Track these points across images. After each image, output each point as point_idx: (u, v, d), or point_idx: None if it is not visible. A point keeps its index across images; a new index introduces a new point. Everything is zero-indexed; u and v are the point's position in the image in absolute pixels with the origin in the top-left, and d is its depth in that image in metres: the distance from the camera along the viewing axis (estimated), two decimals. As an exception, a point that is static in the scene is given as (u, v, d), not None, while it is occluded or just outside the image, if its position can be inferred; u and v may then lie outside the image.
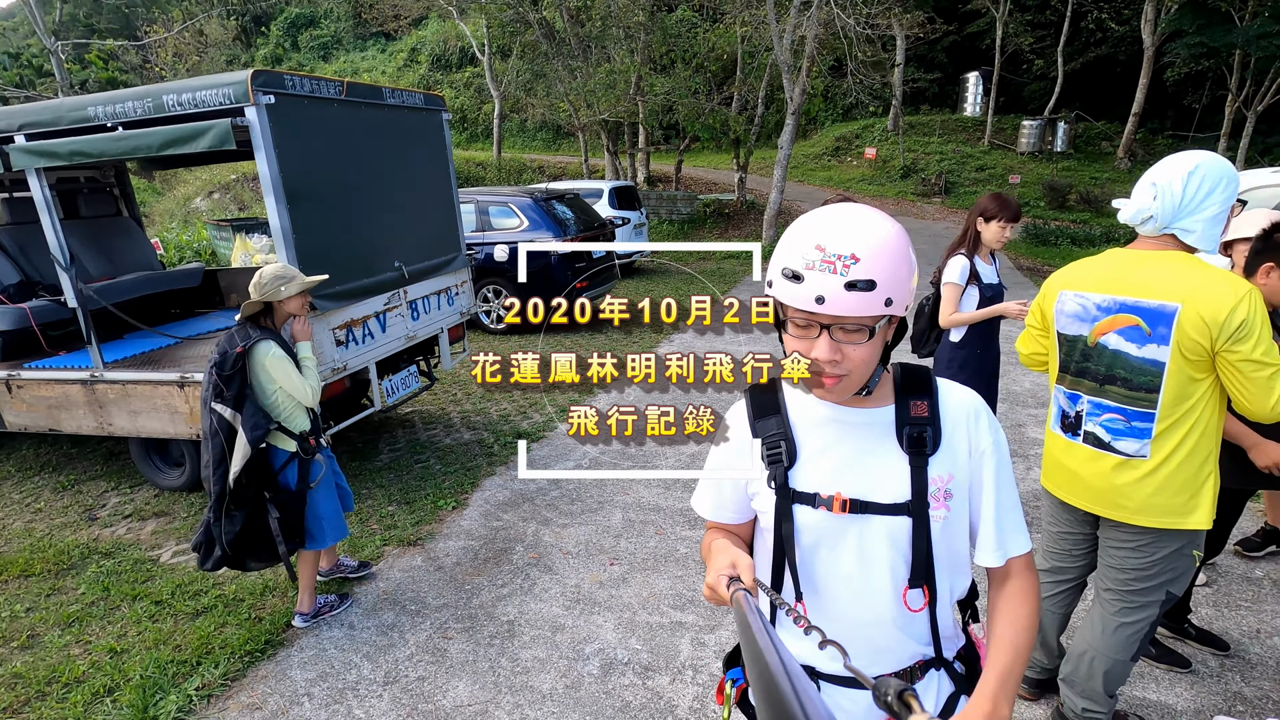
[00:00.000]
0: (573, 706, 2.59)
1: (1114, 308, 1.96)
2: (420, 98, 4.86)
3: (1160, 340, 1.87)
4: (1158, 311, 1.87)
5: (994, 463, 1.13)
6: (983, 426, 1.14)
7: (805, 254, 0.99)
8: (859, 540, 1.11)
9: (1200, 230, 1.85)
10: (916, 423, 1.10)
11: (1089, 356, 2.04)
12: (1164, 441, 1.93)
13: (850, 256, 0.97)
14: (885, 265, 0.98)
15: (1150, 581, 2.08)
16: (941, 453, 1.10)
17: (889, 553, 1.11)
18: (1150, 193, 1.89)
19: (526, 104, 22.00)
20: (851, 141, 24.28)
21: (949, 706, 1.20)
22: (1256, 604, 3.09)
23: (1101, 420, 2.04)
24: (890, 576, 1.11)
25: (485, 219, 8.41)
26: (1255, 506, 3.92)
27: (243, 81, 3.43)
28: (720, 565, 0.99)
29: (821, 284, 0.97)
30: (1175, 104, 21.68)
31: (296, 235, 3.66)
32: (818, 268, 0.98)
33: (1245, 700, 2.55)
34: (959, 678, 1.21)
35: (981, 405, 1.16)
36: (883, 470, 1.10)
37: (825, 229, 1.00)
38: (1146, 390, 1.92)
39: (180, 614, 3.22)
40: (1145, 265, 1.92)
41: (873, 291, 0.97)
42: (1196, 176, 1.82)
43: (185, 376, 4.00)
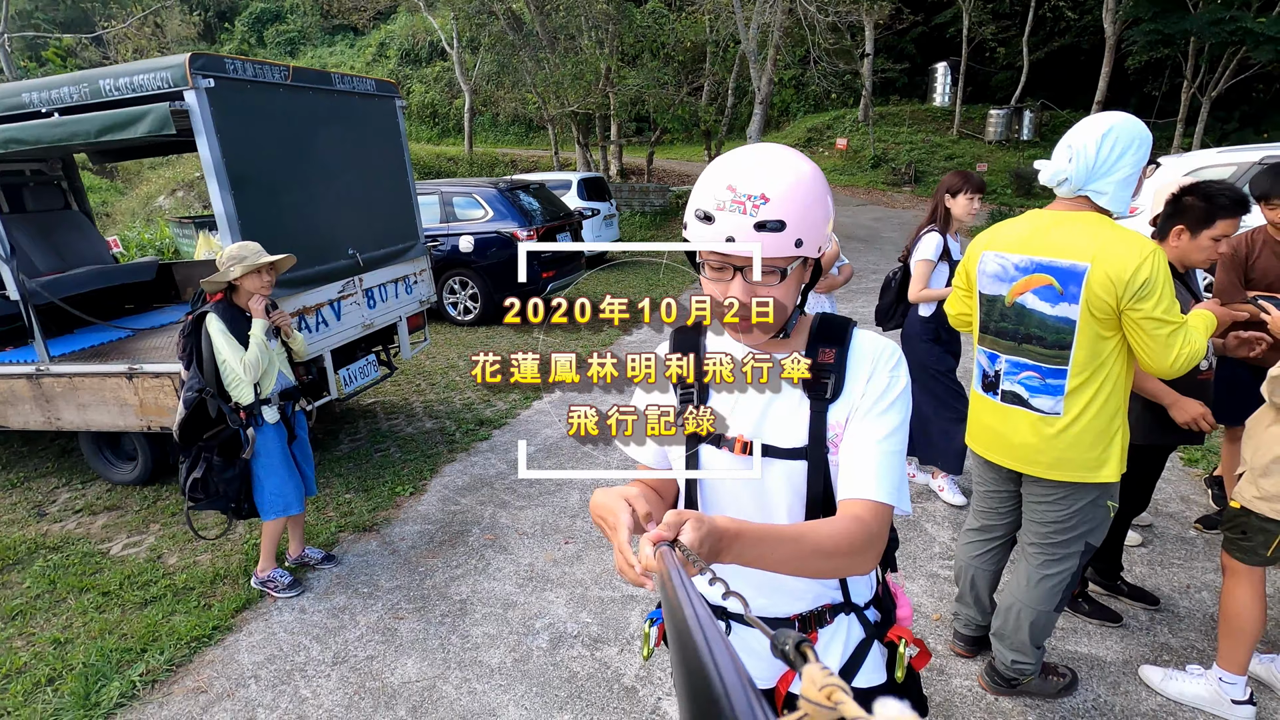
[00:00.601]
0: (520, 679, 2.61)
1: (1030, 268, 2.02)
2: (372, 84, 4.82)
3: (1072, 299, 1.93)
4: (1069, 271, 1.92)
5: (892, 410, 1.08)
6: (883, 370, 1.10)
7: (717, 194, 0.99)
8: (762, 484, 1.12)
9: (1112, 192, 1.91)
10: (821, 369, 1.10)
11: (1006, 316, 2.10)
12: (1076, 398, 2.00)
13: (760, 196, 0.97)
14: (796, 206, 0.98)
15: (1070, 533, 2.16)
16: (842, 399, 1.09)
17: (788, 495, 1.12)
18: (1066, 155, 1.94)
19: (498, 98, 21.86)
20: (823, 132, 24.43)
21: (859, 651, 1.22)
22: (1188, 561, 3.19)
23: (1019, 378, 2.10)
24: (788, 517, 1.13)
25: (449, 210, 8.35)
26: (1192, 471, 4.04)
27: (180, 65, 3.38)
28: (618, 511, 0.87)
29: (731, 224, 0.97)
30: (1137, 92, 22.11)
31: (242, 221, 3.62)
32: (728, 208, 0.98)
33: (1171, 650, 2.64)
34: (869, 625, 1.23)
35: (891, 352, 1.12)
36: (785, 415, 1.11)
37: (737, 169, 1.00)
38: (1059, 348, 1.99)
39: (128, 604, 3.18)
40: (1060, 226, 1.98)
41: (782, 232, 0.97)
42: (1110, 138, 1.87)
43: (134, 368, 3.94)
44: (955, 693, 2.47)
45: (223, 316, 2.95)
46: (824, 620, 1.19)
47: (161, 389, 3.96)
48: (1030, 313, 2.02)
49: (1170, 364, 1.83)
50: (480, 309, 8.38)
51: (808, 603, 1.19)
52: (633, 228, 15.85)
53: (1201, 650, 2.64)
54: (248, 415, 3.00)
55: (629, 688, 2.54)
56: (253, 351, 2.93)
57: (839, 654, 1.21)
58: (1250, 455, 2.21)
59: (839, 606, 1.21)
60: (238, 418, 2.97)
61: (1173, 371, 1.84)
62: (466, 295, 8.43)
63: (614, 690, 2.53)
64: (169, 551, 3.65)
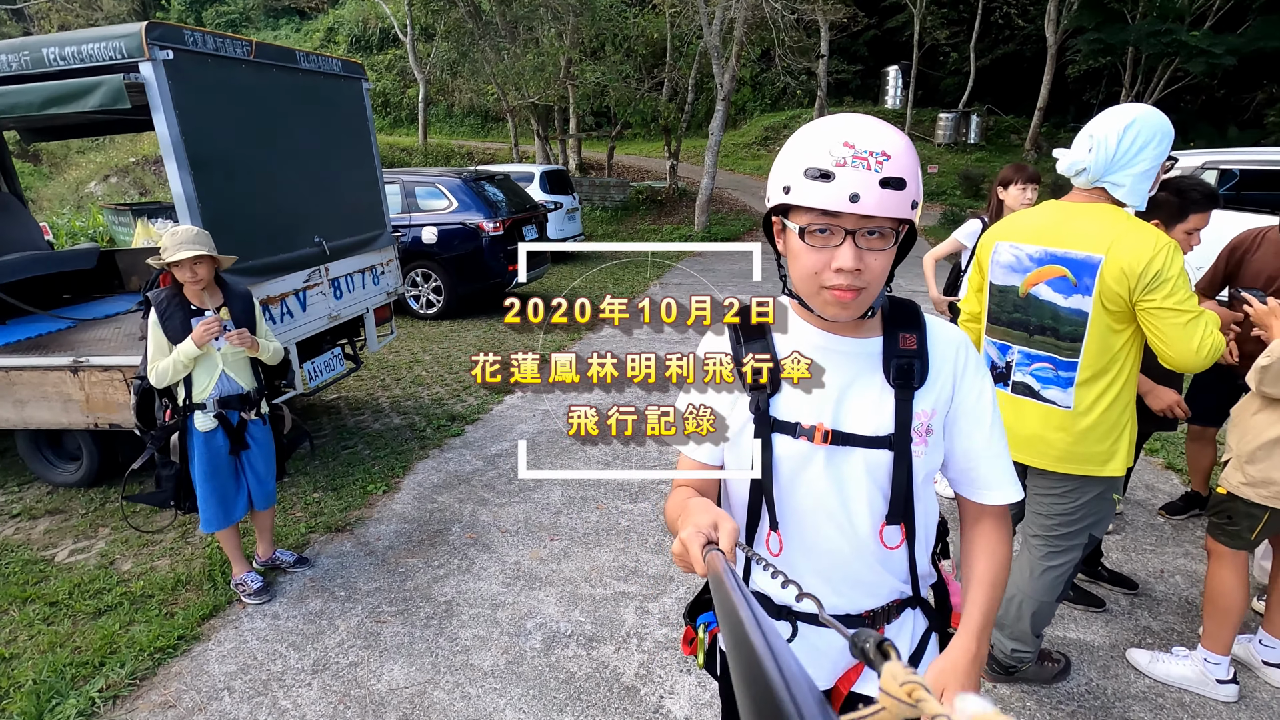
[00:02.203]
0: (515, 681, 2.51)
1: (1044, 259, 2.02)
2: (338, 64, 4.61)
3: (1085, 291, 1.94)
4: (1084, 262, 1.93)
5: (990, 400, 1.12)
6: (970, 363, 1.11)
7: (834, 151, 0.93)
8: (838, 472, 1.07)
9: (1129, 185, 1.91)
10: (904, 355, 1.07)
11: (1020, 307, 2.10)
12: (1087, 391, 2.01)
13: (882, 153, 0.93)
14: (910, 165, 0.95)
15: (1074, 526, 2.18)
16: (927, 387, 1.07)
17: (867, 486, 1.07)
18: (1086, 145, 1.93)
19: (454, 88, 21.38)
20: (780, 131, 24.72)
21: (923, 643, 1.20)
22: (1160, 547, 3.31)
23: (1031, 370, 2.10)
24: (869, 510, 1.08)
25: (411, 200, 8.10)
26: (1154, 460, 4.21)
27: (136, 34, 3.14)
28: (701, 522, 0.86)
29: (856, 180, 0.92)
30: (1076, 99, 23.07)
31: (201, 203, 3.39)
32: (850, 164, 0.92)
33: (1153, 633, 2.72)
34: (931, 614, 1.22)
35: (968, 343, 1.13)
36: (867, 402, 1.07)
37: (850, 129, 0.95)
38: (1072, 340, 2.00)
39: (80, 614, 2.95)
40: (1076, 217, 1.98)
41: (903, 191, 0.93)
42: (1132, 131, 1.86)
43: (80, 361, 3.67)
44: (953, 681, 2.49)
45: (161, 306, 2.72)
46: (891, 615, 1.16)
47: (110, 383, 3.69)
48: (1043, 304, 2.02)
49: (1194, 352, 1.79)
50: (444, 302, 8.16)
51: (880, 598, 1.15)
52: (594, 223, 15.73)
53: (1181, 632, 2.73)
54: (175, 417, 2.79)
55: (629, 687, 2.47)
56: (165, 363, 2.69)
57: (906, 648, 1.18)
58: (1236, 443, 2.28)
59: (906, 600, 1.17)
60: (163, 417, 2.78)
61: (1198, 361, 1.81)
62: (429, 288, 8.19)
63: (614, 690, 2.46)
64: (122, 557, 3.40)
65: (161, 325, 2.70)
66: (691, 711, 2.35)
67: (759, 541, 1.16)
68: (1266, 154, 7.14)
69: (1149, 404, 2.46)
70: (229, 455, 2.90)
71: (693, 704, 2.38)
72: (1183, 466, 3.93)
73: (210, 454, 2.83)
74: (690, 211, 15.74)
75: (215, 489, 2.86)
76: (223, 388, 2.84)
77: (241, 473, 2.97)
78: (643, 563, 3.24)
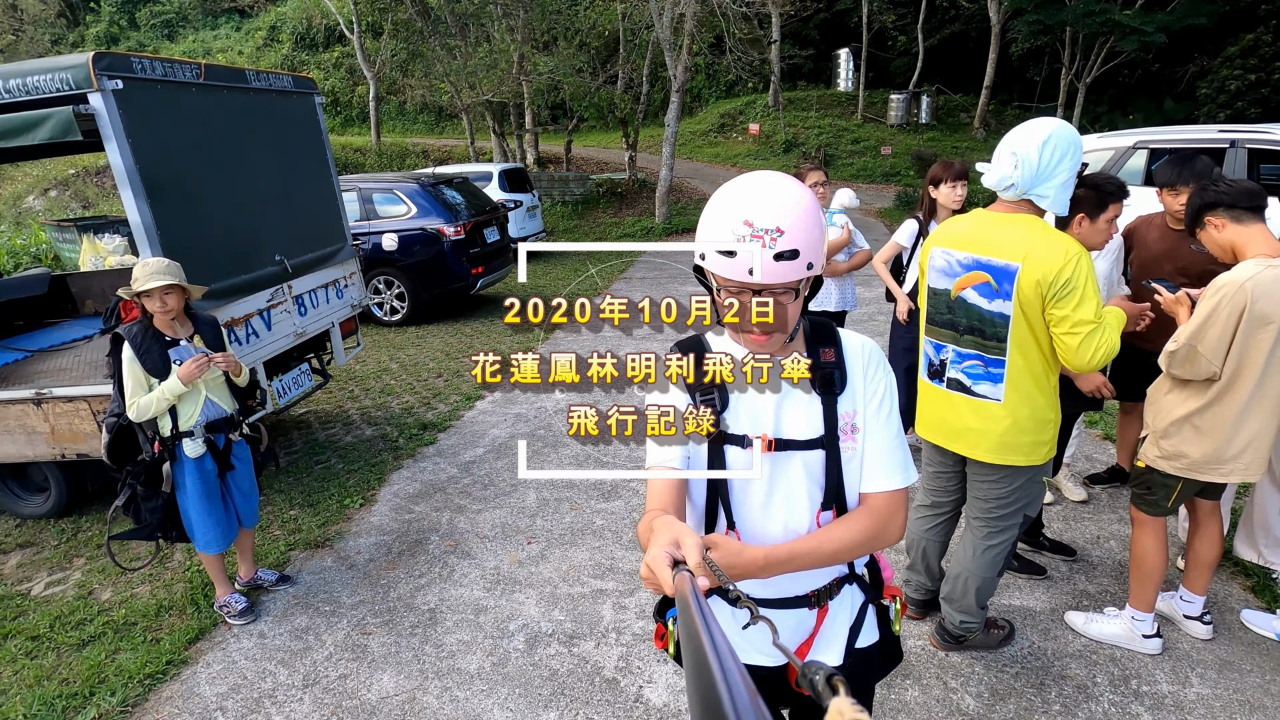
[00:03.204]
0: (501, 682, 2.64)
1: (971, 265, 2.20)
2: (289, 80, 4.59)
3: (1005, 296, 2.12)
4: (1004, 269, 2.11)
5: (887, 403, 1.27)
6: (871, 363, 1.27)
7: (736, 230, 1.09)
8: (783, 474, 1.24)
9: (1053, 195, 2.09)
10: (825, 366, 1.24)
11: (951, 309, 2.28)
12: (1014, 386, 2.20)
13: (776, 230, 1.08)
14: (804, 234, 1.10)
15: (1010, 508, 2.38)
16: (847, 392, 1.25)
17: (806, 482, 1.24)
18: (1011, 161, 2.09)
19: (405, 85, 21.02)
20: (735, 118, 24.89)
21: (861, 612, 1.36)
22: (1096, 514, 3.56)
23: (964, 367, 2.29)
24: (808, 503, 1.25)
25: (370, 207, 8.05)
26: (1092, 432, 4.49)
27: (83, 65, 3.13)
28: (663, 540, 0.91)
29: (752, 257, 1.08)
30: (1020, 77, 23.70)
31: (160, 230, 3.40)
32: (748, 241, 1.08)
33: (1089, 596, 2.96)
34: (866, 586, 1.38)
35: (876, 349, 1.30)
36: (799, 411, 1.23)
37: (750, 204, 1.10)
38: (997, 340, 2.18)
39: (63, 646, 2.98)
40: (999, 226, 2.16)
41: (796, 260, 1.10)
42: (1049, 146, 2.03)
43: (42, 393, 3.65)
44: (910, 652, 2.69)
45: (135, 341, 2.74)
46: (834, 593, 1.32)
47: (76, 414, 3.68)
48: (971, 306, 2.20)
49: (1087, 362, 2.02)
50: (408, 309, 8.15)
51: (822, 579, 1.31)
52: (555, 218, 15.72)
53: (1114, 593, 2.97)
54: (162, 448, 2.83)
55: (610, 679, 2.62)
56: (148, 399, 2.73)
57: (846, 620, 1.34)
58: (1152, 420, 2.51)
59: (844, 578, 1.34)
60: (152, 450, 2.81)
61: (1090, 368, 2.05)
62: (393, 295, 8.17)
63: (596, 684, 2.60)
64: (100, 586, 3.42)
65: (139, 360, 2.72)
66: (669, 698, 2.51)
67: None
68: (1194, 131, 7.52)
69: (1079, 385, 2.67)
70: (216, 478, 2.97)
71: (670, 691, 2.54)
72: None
73: (203, 479, 2.90)
74: (651, 203, 15.83)
75: (212, 512, 2.93)
76: (208, 413, 2.90)
77: (228, 494, 3.04)
78: (618, 559, 3.38)
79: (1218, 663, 2.57)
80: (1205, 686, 2.46)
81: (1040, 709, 2.40)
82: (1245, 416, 2.28)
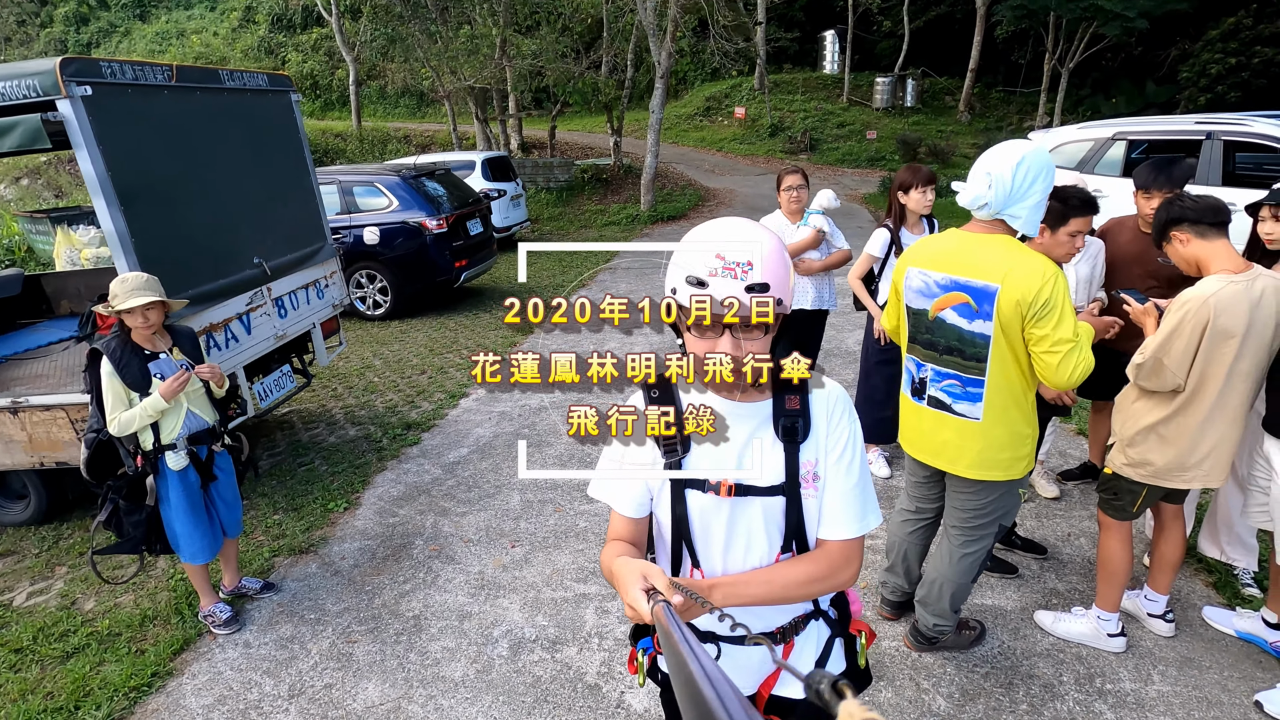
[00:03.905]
0: (485, 690, 2.68)
1: (950, 285, 2.22)
2: (264, 78, 4.52)
3: (985, 316, 2.15)
4: (983, 290, 2.14)
5: (849, 453, 1.27)
6: (836, 412, 1.28)
7: (708, 263, 1.12)
8: (743, 518, 1.26)
9: (1025, 216, 2.12)
10: (790, 414, 1.25)
11: (929, 329, 2.30)
12: (993, 405, 2.24)
13: (747, 264, 1.12)
14: (774, 270, 1.13)
15: (987, 518, 2.44)
16: (810, 440, 1.25)
17: (765, 526, 1.27)
18: (985, 181, 2.11)
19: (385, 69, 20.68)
20: (721, 101, 24.74)
21: (827, 647, 1.40)
22: (1068, 512, 3.65)
23: (942, 386, 2.32)
24: (768, 545, 1.28)
25: (350, 200, 7.97)
26: (1067, 427, 4.57)
27: (50, 71, 3.07)
28: (631, 580, 1.02)
29: (725, 288, 1.11)
30: (1005, 60, 23.67)
31: (135, 239, 3.36)
32: (720, 274, 1.11)
33: (1059, 594, 3.05)
34: (833, 622, 1.41)
35: (843, 397, 1.30)
36: (761, 457, 1.25)
37: (720, 241, 1.14)
38: (976, 360, 2.21)
39: (47, 659, 2.99)
40: (977, 247, 2.18)
41: (767, 293, 1.12)
42: (1023, 167, 2.05)
43: (18, 401, 3.62)
44: (884, 653, 2.76)
45: (114, 355, 2.72)
46: (799, 628, 1.36)
47: (54, 422, 3.66)
48: (949, 327, 2.23)
49: (1066, 379, 2.06)
50: (391, 303, 8.11)
51: (787, 615, 1.35)
52: (540, 205, 15.63)
53: (1083, 591, 3.06)
54: (145, 462, 2.83)
55: (592, 685, 2.67)
56: (129, 415, 2.71)
57: (812, 654, 1.38)
58: (1119, 428, 2.57)
59: (810, 614, 1.38)
60: (134, 464, 2.81)
61: (1069, 386, 2.09)
62: (375, 289, 8.12)
63: (578, 689, 2.65)
64: (83, 596, 3.42)
65: (119, 375, 2.70)
66: (650, 704, 2.57)
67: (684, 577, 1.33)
68: (1171, 123, 7.59)
69: (1041, 393, 2.72)
70: (200, 489, 2.97)
71: (651, 697, 2.59)
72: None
73: (186, 491, 2.90)
74: (636, 189, 15.76)
75: (198, 524, 2.94)
76: (190, 425, 2.90)
77: (211, 504, 3.04)
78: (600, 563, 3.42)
79: (1179, 660, 2.66)
80: (1166, 684, 2.56)
81: (1009, 709, 2.48)
82: (1207, 426, 2.35)
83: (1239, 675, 2.58)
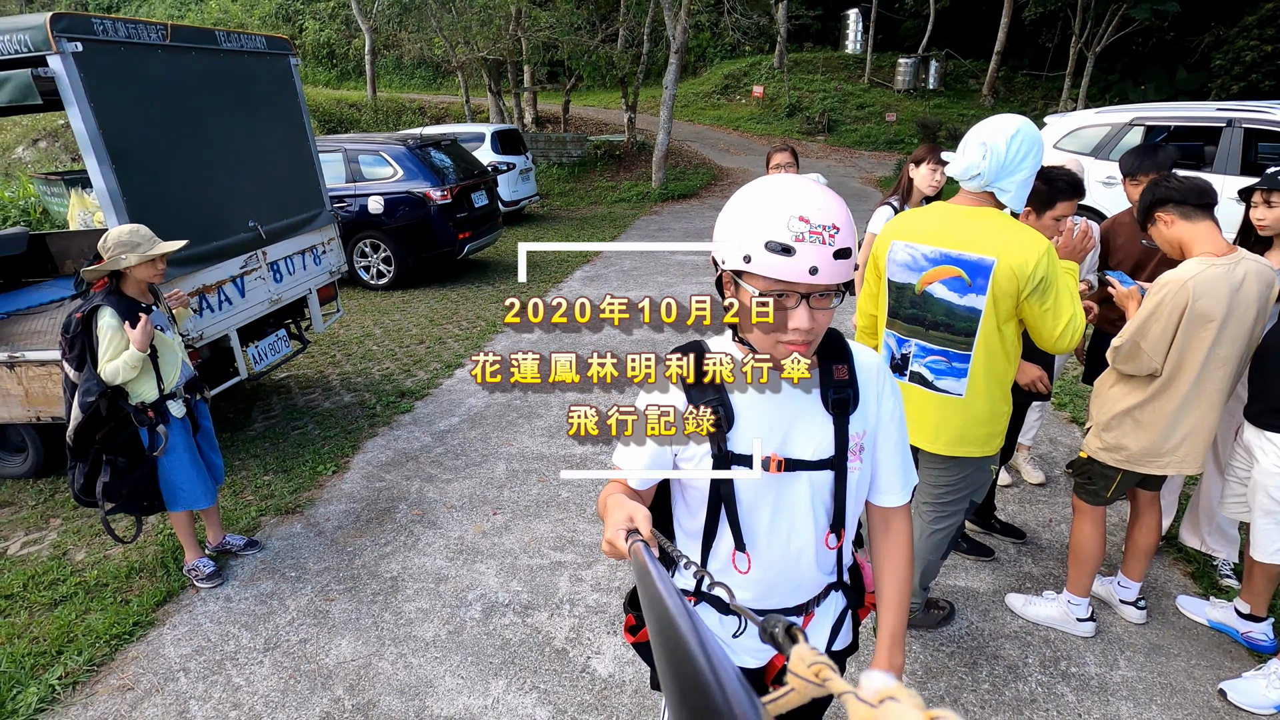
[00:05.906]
0: (455, 650, 2.73)
1: (939, 259, 2.18)
2: (262, 40, 4.51)
3: (979, 290, 2.11)
4: (977, 264, 2.10)
5: (899, 417, 1.28)
6: (887, 386, 1.26)
7: (792, 226, 1.02)
8: (791, 494, 1.21)
9: (1014, 190, 2.08)
10: (839, 385, 1.20)
11: (916, 304, 2.26)
12: (975, 380, 2.21)
13: (833, 227, 1.03)
14: (852, 232, 1.06)
15: (958, 494, 2.43)
16: (859, 412, 1.21)
17: (813, 502, 1.22)
18: (980, 151, 2.07)
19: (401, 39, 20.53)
20: (740, 79, 24.38)
21: (841, 616, 1.38)
22: (1051, 498, 3.62)
23: (927, 361, 2.29)
24: (813, 524, 1.23)
25: (355, 168, 7.97)
26: (1061, 414, 4.53)
27: (40, 26, 3.08)
28: (617, 520, 1.00)
29: (814, 254, 1.01)
30: (1032, 43, 23.08)
31: (127, 198, 3.39)
32: (808, 239, 1.01)
33: (1033, 578, 3.04)
34: (849, 591, 1.39)
35: (883, 365, 1.28)
36: (809, 430, 1.20)
37: (801, 202, 1.03)
38: (965, 334, 2.18)
39: (35, 606, 3.07)
40: (967, 220, 2.14)
41: (850, 259, 1.05)
42: (1017, 140, 2.02)
43: (14, 356, 3.68)
44: (852, 630, 2.77)
45: (118, 309, 2.77)
46: (822, 598, 1.33)
47: (49, 377, 3.72)
48: (938, 301, 2.19)
49: (1063, 342, 2.07)
50: (394, 272, 8.14)
51: (813, 590, 1.32)
52: (551, 180, 15.54)
53: (1058, 577, 3.05)
54: (155, 413, 2.89)
55: (559, 650, 2.71)
56: (115, 364, 2.74)
57: (829, 623, 1.36)
58: (1095, 412, 2.54)
59: (833, 585, 1.35)
60: (145, 417, 2.86)
61: (1065, 348, 2.10)
62: (379, 259, 8.14)
63: (545, 654, 2.69)
64: (75, 547, 3.51)
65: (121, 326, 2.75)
66: (615, 669, 2.60)
67: (726, 564, 1.28)
68: (1191, 109, 7.39)
69: (1017, 379, 2.69)
70: (192, 436, 3.07)
71: (616, 662, 2.63)
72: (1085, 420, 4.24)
73: (186, 438, 3.01)
74: (649, 166, 15.64)
75: (199, 468, 3.05)
76: (185, 373, 3.03)
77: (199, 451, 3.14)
78: (579, 532, 3.46)
79: (1147, 646, 2.65)
80: (1132, 669, 2.55)
81: (970, 687, 2.49)
82: (1183, 411, 2.31)
83: (1207, 664, 2.57)
